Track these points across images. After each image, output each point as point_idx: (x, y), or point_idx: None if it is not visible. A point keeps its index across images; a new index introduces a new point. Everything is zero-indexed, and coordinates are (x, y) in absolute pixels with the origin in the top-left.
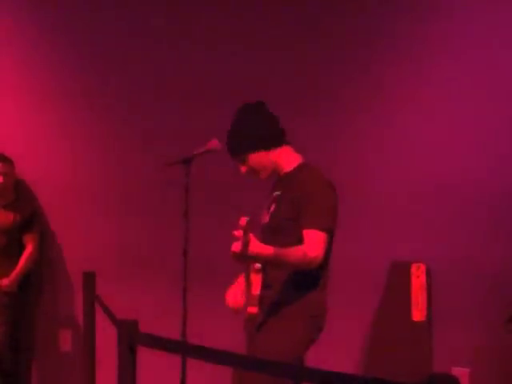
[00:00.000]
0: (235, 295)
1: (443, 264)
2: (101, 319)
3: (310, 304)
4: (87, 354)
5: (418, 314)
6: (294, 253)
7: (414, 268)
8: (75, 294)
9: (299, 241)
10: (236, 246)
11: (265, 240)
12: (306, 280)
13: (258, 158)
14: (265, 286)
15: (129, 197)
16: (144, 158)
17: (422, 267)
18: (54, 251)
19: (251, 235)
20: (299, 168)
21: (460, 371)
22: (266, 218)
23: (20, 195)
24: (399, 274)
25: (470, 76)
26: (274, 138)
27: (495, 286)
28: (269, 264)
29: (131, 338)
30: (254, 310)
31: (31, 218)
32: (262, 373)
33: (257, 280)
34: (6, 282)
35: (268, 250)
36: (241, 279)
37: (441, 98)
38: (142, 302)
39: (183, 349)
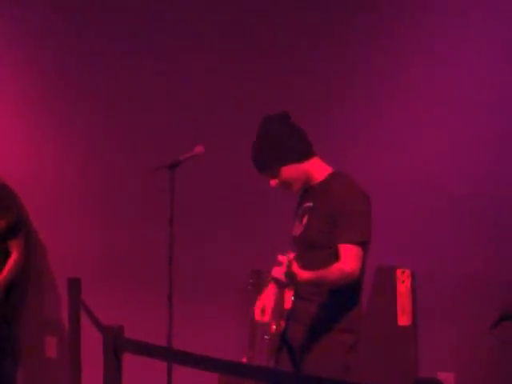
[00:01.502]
0: (265, 310)
1: (429, 269)
2: (86, 325)
3: (349, 316)
4: (73, 361)
5: (404, 318)
6: (332, 272)
7: (399, 273)
8: (61, 301)
9: (334, 254)
10: (278, 273)
11: (299, 253)
12: (343, 293)
13: (292, 171)
14: (299, 297)
15: (114, 203)
16: (129, 164)
17: (407, 272)
18: (40, 257)
19: (296, 266)
20: (331, 177)
21: (445, 376)
22: (298, 230)
23: (4, 201)
24: (384, 279)
25: (468, 76)
26: (306, 148)
27: (481, 291)
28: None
29: (116, 344)
30: (282, 324)
31: (16, 225)
32: (243, 377)
33: (289, 295)
34: None
35: (307, 275)
36: (268, 292)
37: (433, 99)
38: (128, 308)
39: (168, 355)
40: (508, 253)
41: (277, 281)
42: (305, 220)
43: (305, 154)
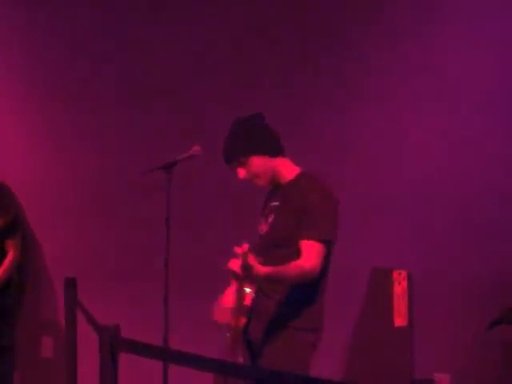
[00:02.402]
0: (225, 311)
1: (425, 270)
2: (82, 325)
3: (309, 314)
4: (69, 360)
5: (400, 319)
6: (292, 269)
7: (395, 274)
8: (57, 300)
9: (298, 252)
10: (235, 265)
11: (264, 251)
12: (305, 291)
13: (261, 162)
14: (262, 294)
15: (111, 203)
16: (126, 164)
17: (404, 273)
18: (36, 257)
19: (252, 258)
20: (299, 177)
21: (441, 377)
22: (264, 228)
23: (2, 201)
24: (380, 281)
25: (469, 79)
26: (277, 145)
27: (477, 292)
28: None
29: (113, 344)
30: (243, 321)
31: (13, 224)
32: (242, 378)
33: (250, 291)
34: None
35: (265, 269)
36: (229, 290)
37: (435, 103)
38: (124, 308)
39: (164, 354)
40: (505, 255)
41: (234, 273)
42: (271, 219)
43: (275, 149)
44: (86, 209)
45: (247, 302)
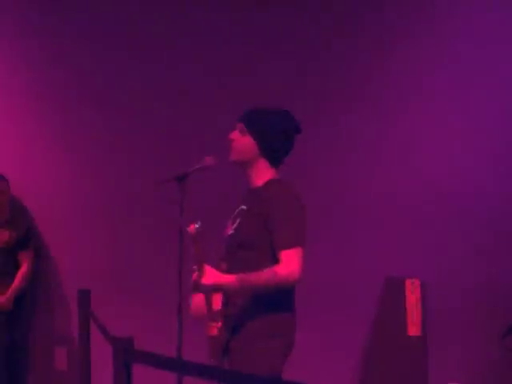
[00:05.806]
0: (199, 304)
1: (438, 279)
2: (96, 337)
3: (277, 322)
4: (83, 372)
5: (414, 329)
6: (262, 275)
7: (408, 283)
8: (71, 312)
9: (264, 255)
10: (197, 278)
11: (228, 253)
12: (271, 297)
13: (250, 147)
14: (228, 303)
15: (124, 214)
16: (139, 175)
17: (417, 282)
18: (49, 269)
19: (207, 267)
20: (268, 183)
21: None
22: (230, 231)
23: (15, 213)
24: (394, 290)
25: (470, 81)
26: (277, 157)
27: (490, 301)
28: (237, 292)
29: (126, 356)
30: (217, 325)
31: (26, 236)
32: None
33: (217, 295)
34: (1, 299)
35: (229, 278)
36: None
37: (439, 109)
38: (138, 320)
39: (178, 366)
40: None
41: (200, 288)
42: (237, 222)
43: (270, 156)
44: (99, 221)
45: (216, 306)
